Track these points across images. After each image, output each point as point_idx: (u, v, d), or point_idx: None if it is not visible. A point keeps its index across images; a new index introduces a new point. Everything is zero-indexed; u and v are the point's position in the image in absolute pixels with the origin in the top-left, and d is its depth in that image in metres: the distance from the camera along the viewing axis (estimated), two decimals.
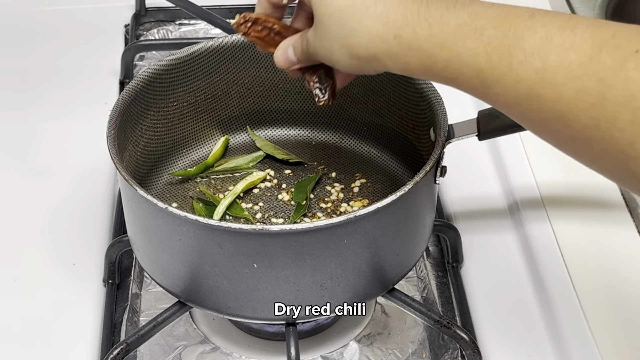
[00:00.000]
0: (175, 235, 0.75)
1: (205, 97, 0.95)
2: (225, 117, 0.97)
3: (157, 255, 0.79)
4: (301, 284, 0.76)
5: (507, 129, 0.85)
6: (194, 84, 0.93)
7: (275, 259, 0.74)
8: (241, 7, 1.28)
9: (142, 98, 0.89)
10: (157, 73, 0.89)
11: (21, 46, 1.22)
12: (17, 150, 1.06)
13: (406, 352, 0.86)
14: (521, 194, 0.98)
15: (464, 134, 0.84)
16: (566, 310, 0.86)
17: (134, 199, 0.78)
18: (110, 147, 0.80)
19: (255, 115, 0.98)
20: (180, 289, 0.80)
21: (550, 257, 0.91)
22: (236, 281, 0.76)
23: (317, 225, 0.72)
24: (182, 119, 0.94)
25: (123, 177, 0.77)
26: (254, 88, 0.96)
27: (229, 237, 0.73)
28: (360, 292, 0.79)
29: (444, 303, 0.91)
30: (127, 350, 0.80)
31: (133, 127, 0.88)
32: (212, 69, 0.93)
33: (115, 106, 0.84)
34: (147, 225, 0.78)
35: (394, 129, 0.93)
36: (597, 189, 0.98)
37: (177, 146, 0.95)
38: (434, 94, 0.84)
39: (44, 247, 0.95)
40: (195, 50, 0.91)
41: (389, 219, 0.76)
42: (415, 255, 0.82)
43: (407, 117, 0.90)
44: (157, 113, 0.91)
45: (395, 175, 0.94)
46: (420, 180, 0.76)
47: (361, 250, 0.76)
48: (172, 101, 0.92)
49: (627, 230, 0.94)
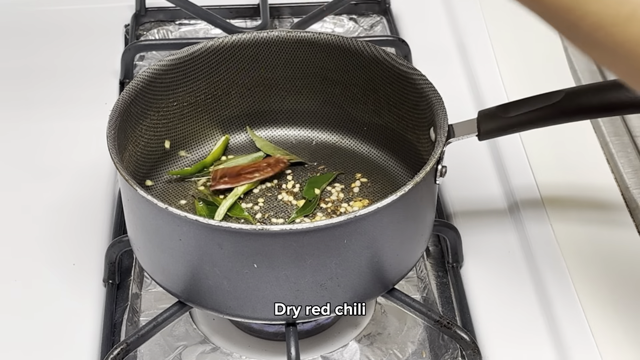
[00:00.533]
0: (175, 235, 0.75)
1: (205, 97, 0.95)
2: (226, 117, 0.97)
3: (157, 255, 0.79)
4: (301, 284, 0.76)
5: (507, 129, 0.85)
6: (194, 84, 0.93)
7: (275, 259, 0.74)
8: (241, 7, 1.28)
9: (142, 98, 0.88)
10: (157, 73, 0.89)
11: (21, 46, 1.22)
12: (16, 150, 1.06)
13: (406, 352, 0.86)
14: (521, 194, 0.97)
15: (464, 134, 0.84)
16: (566, 310, 0.86)
17: (134, 199, 0.78)
18: (111, 147, 0.80)
19: (255, 115, 0.98)
20: (180, 289, 0.80)
21: (551, 257, 0.91)
22: (236, 281, 0.76)
23: (317, 225, 0.73)
24: (182, 119, 0.94)
25: (123, 177, 0.77)
26: (254, 88, 0.96)
27: (229, 237, 0.73)
28: (361, 292, 0.79)
29: (444, 303, 0.91)
30: (127, 350, 0.80)
31: (133, 127, 0.88)
32: (212, 69, 0.93)
33: (115, 106, 0.84)
34: (147, 226, 0.78)
35: (394, 129, 0.93)
36: (597, 189, 0.98)
37: (177, 146, 0.95)
38: (434, 94, 0.84)
39: (44, 247, 0.95)
40: (195, 50, 0.91)
41: (389, 219, 0.76)
42: (416, 256, 0.82)
43: (407, 117, 0.90)
44: (157, 113, 0.91)
45: (395, 175, 0.94)
46: (421, 181, 0.76)
47: (361, 251, 0.76)
48: (172, 101, 0.92)
49: (627, 230, 0.94)
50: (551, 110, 0.83)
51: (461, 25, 1.22)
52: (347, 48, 0.91)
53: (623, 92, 0.83)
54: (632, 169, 1.01)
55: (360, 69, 0.92)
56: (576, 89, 0.85)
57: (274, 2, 1.27)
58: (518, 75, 1.13)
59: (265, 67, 0.95)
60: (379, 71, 0.90)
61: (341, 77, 0.94)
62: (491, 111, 0.85)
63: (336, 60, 0.93)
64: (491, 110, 0.85)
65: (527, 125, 0.84)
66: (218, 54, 0.92)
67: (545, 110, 0.84)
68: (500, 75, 1.13)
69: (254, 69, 0.95)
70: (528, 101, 0.85)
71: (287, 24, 1.27)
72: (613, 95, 0.83)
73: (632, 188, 0.98)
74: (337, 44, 0.92)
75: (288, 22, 1.28)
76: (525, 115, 0.84)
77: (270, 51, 0.93)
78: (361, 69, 0.92)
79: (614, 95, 0.83)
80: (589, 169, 1.01)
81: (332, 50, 0.92)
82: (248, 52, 0.93)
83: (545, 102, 0.84)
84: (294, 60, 0.94)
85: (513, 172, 1.00)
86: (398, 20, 1.26)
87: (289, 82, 0.96)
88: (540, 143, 1.02)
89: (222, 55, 0.93)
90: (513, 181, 0.99)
